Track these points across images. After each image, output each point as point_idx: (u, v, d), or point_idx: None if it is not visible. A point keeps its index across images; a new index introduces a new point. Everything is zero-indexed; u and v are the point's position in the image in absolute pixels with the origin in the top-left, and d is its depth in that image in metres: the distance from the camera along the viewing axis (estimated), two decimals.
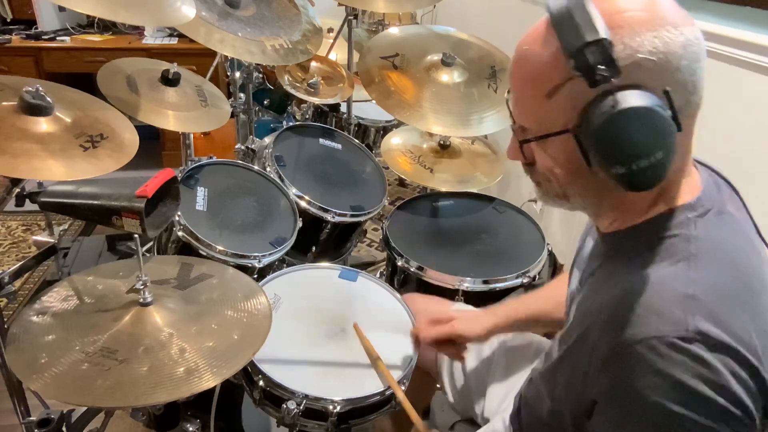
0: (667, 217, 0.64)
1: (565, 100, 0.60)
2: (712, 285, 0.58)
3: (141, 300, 0.98)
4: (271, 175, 1.61)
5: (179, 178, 1.19)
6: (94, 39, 3.09)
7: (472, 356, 1.17)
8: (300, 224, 1.53)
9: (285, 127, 1.80)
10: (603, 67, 0.55)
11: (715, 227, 0.63)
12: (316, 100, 1.88)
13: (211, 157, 1.62)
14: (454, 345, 1.09)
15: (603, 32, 0.55)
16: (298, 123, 2.25)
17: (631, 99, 0.56)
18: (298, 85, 1.81)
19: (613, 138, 0.57)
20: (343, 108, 2.23)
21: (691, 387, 0.54)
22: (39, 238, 2.24)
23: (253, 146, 1.80)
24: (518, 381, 1.05)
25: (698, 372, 0.54)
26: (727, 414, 0.54)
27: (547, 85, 0.61)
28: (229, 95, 1.97)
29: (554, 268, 1.71)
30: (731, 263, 0.61)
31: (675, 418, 0.55)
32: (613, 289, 0.64)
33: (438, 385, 1.40)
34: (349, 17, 1.95)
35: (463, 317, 1.09)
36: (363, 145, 1.91)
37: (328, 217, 1.59)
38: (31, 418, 1.11)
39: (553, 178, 0.67)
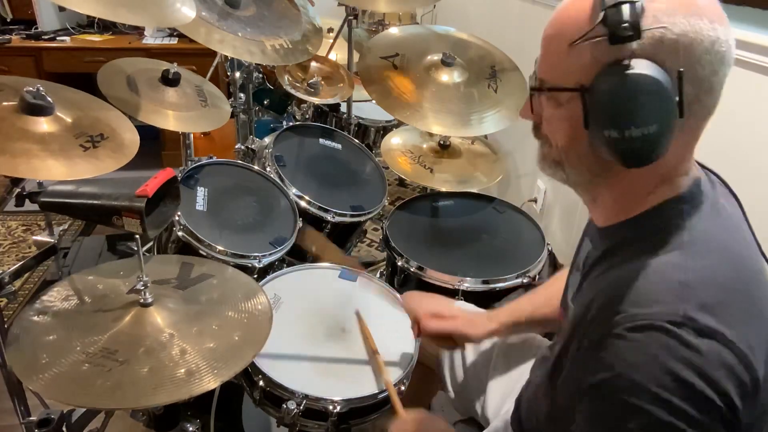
0: (662, 209, 0.65)
1: (586, 55, 0.62)
2: (705, 274, 0.59)
3: (141, 300, 0.98)
4: (271, 175, 1.61)
5: (179, 178, 1.19)
6: (94, 39, 3.09)
7: (472, 353, 1.17)
8: (300, 224, 1.53)
9: (285, 127, 1.80)
10: (627, 26, 0.57)
11: (710, 219, 0.64)
12: (316, 100, 1.88)
13: (211, 157, 1.62)
14: (452, 341, 1.09)
15: None
16: (298, 123, 2.25)
17: (644, 67, 0.58)
18: (298, 85, 1.81)
19: (615, 99, 0.59)
20: (343, 108, 2.22)
21: (674, 371, 0.54)
22: (39, 238, 2.23)
23: (253, 146, 1.80)
24: (518, 380, 1.05)
25: (683, 356, 0.54)
26: (708, 403, 0.54)
27: (574, 35, 0.62)
28: (229, 95, 1.97)
29: (554, 267, 1.70)
30: (725, 254, 0.62)
31: (653, 400, 0.55)
32: (607, 279, 0.64)
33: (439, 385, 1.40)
34: (349, 17, 1.94)
35: (466, 317, 1.09)
36: (363, 145, 1.91)
37: (328, 217, 1.59)
38: (31, 418, 1.11)
39: (553, 142, 0.69)
